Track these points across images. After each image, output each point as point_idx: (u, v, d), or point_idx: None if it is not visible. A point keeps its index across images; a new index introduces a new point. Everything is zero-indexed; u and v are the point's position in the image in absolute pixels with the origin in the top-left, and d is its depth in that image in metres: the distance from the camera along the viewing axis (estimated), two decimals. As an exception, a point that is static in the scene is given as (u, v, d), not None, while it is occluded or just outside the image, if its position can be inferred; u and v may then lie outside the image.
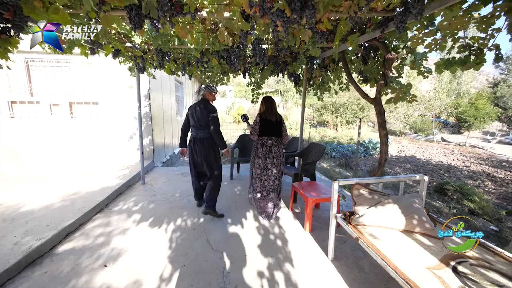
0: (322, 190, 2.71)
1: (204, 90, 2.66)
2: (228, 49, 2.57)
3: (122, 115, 4.88)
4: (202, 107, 2.61)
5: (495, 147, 11.61)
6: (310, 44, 2.31)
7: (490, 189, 5.17)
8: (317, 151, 3.54)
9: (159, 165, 5.35)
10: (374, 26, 1.99)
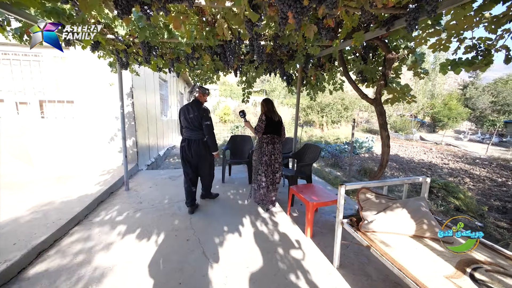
0: (322, 194, 2.62)
1: (198, 91, 2.72)
2: (223, 45, 2.39)
3: (101, 114, 4.49)
4: (195, 109, 2.68)
5: (467, 145, 12.46)
6: (311, 41, 2.20)
7: (470, 185, 5.46)
8: (312, 152, 3.46)
9: (144, 169, 5.00)
10: (378, 24, 1.93)
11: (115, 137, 4.61)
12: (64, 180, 3.70)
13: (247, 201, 3.28)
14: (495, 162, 8.10)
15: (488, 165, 7.63)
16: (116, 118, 4.55)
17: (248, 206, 3.16)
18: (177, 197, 3.37)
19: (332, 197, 2.56)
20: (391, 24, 1.81)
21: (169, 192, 3.56)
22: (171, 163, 6.93)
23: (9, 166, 4.13)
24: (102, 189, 3.33)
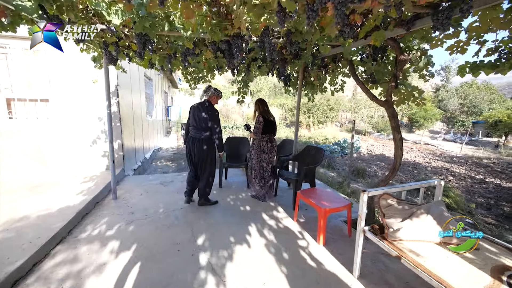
0: (331, 198, 2.53)
1: (213, 92, 2.84)
2: (229, 40, 2.20)
3: (82, 115, 4.04)
4: (206, 110, 2.77)
5: (442, 144, 13.32)
6: (325, 39, 2.08)
7: (454, 183, 5.75)
8: (315, 154, 3.37)
9: (131, 174, 4.61)
10: (395, 24, 1.86)
11: (98, 140, 4.18)
12: (39, 190, 3.25)
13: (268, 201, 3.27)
14: (470, 160, 8.69)
15: (465, 163, 8.15)
16: (99, 119, 4.13)
17: (251, 212, 2.99)
18: (173, 206, 3.09)
19: (343, 201, 2.47)
20: (412, 24, 1.75)
21: (162, 200, 3.27)
22: (158, 167, 6.52)
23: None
24: (86, 199, 2.96)
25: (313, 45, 2.45)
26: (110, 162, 3.16)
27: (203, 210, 2.99)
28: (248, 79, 4.31)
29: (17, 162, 3.77)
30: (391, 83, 2.31)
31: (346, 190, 3.97)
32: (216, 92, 2.86)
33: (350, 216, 2.45)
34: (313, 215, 2.96)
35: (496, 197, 4.81)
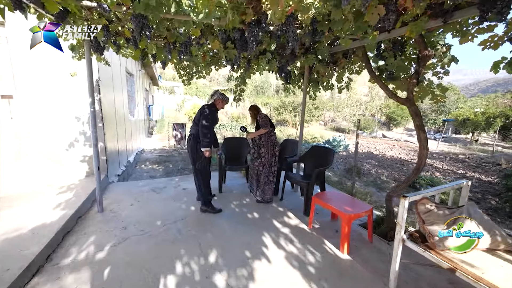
0: (351, 203, 2.38)
1: (219, 96, 2.82)
2: (245, 28, 1.92)
3: (55, 114, 3.48)
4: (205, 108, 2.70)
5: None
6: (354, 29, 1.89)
7: (441, 179, 6.01)
8: (323, 155, 3.21)
9: (115, 180, 4.10)
10: (430, 15, 1.72)
11: (76, 143, 3.63)
12: (4, 205, 2.69)
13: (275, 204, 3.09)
14: (447, 156, 9.26)
15: (444, 159, 8.65)
16: (77, 119, 3.59)
17: (260, 220, 2.74)
18: (172, 216, 2.74)
19: (364, 206, 2.33)
20: (450, 15, 1.62)
21: (158, 210, 2.89)
22: (144, 170, 5.98)
23: None
24: (66, 213, 2.50)
25: (331, 38, 2.26)
26: (95, 169, 2.70)
27: (207, 220, 2.68)
28: (247, 75, 4.05)
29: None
30: (413, 79, 2.20)
31: (350, 191, 3.88)
32: (222, 96, 2.83)
33: (372, 221, 2.31)
34: (325, 219, 2.80)
35: (482, 191, 5.07)
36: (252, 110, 3.26)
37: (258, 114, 3.16)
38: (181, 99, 27.00)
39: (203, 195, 2.84)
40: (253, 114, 3.25)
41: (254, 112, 3.23)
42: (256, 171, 3.17)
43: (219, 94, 2.83)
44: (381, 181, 5.42)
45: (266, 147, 3.10)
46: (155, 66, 11.95)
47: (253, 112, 3.24)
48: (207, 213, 2.83)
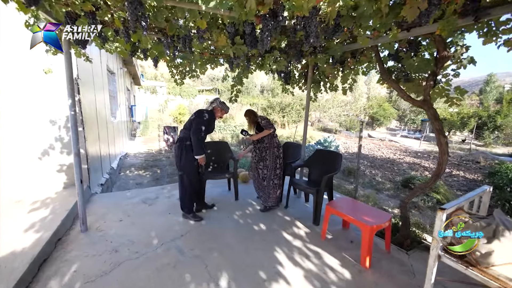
0: (368, 211, 2.24)
1: (218, 105, 2.65)
2: (258, 21, 1.70)
3: (25, 117, 3.00)
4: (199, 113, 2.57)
5: (401, 140, 14.74)
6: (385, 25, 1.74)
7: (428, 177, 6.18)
8: (330, 159, 3.07)
9: (98, 191, 3.66)
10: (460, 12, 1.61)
11: (51, 151, 3.17)
12: (-41, 229, 2.21)
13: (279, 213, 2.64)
14: (431, 154, 9.67)
15: (429, 158, 9.02)
16: (52, 123, 3.13)
17: (268, 232, 2.52)
18: (170, 232, 2.43)
19: (383, 215, 2.19)
20: (485, 13, 1.52)
21: (152, 226, 2.56)
22: (130, 177, 5.50)
23: None
24: (42, 237, 2.10)
25: (347, 36, 2.10)
26: (77, 182, 2.32)
27: (211, 235, 2.41)
28: (244, 74, 3.81)
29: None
30: (429, 81, 2.10)
31: (353, 195, 3.79)
32: (222, 105, 2.69)
33: (390, 230, 2.18)
34: (336, 228, 2.65)
35: (470, 189, 5.26)
36: (249, 115, 3.06)
37: (258, 117, 3.00)
38: (164, 99, 25.95)
39: (183, 203, 2.68)
40: (251, 119, 3.04)
41: (252, 117, 3.04)
42: (260, 175, 2.97)
43: (218, 103, 2.65)
44: (376, 182, 5.44)
45: (270, 149, 2.97)
46: (137, 64, 11.26)
47: (251, 117, 3.04)
48: (210, 227, 2.56)
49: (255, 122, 3.02)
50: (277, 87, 21.23)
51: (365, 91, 23.58)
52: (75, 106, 2.24)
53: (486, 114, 13.16)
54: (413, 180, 4.96)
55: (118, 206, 3.06)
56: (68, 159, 3.27)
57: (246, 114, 3.10)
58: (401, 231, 2.39)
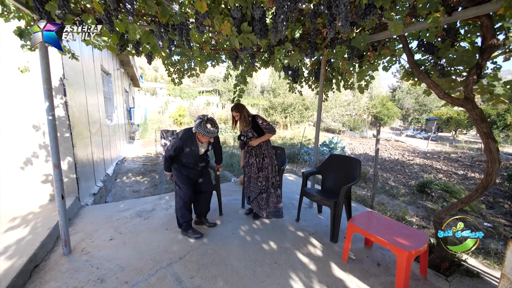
0: (402, 230, 1.89)
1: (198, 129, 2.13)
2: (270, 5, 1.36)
3: (3, 123, 2.67)
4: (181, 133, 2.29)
5: (407, 140, 14.36)
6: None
7: (446, 181, 5.82)
8: (346, 167, 2.73)
9: (89, 202, 3.33)
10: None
11: (35, 159, 2.84)
12: None
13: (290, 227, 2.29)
14: (440, 155, 9.30)
15: (439, 158, 8.65)
16: (36, 128, 2.80)
17: (280, 252, 2.18)
18: (166, 254, 2.10)
19: (420, 235, 1.85)
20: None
21: (147, 245, 2.23)
22: (126, 184, 5.17)
23: None
24: (15, 264, 1.77)
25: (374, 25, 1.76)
26: (57, 198, 1.99)
27: (214, 257, 2.07)
28: (248, 72, 3.49)
29: None
30: (472, 75, 1.76)
31: (369, 204, 3.45)
32: (201, 130, 2.12)
33: (427, 253, 1.84)
34: (357, 246, 2.30)
35: (490, 194, 4.91)
36: (241, 109, 2.56)
37: (255, 117, 2.60)
38: (164, 101, 25.70)
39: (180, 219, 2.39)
40: (243, 116, 2.56)
41: (245, 112, 2.56)
42: (259, 188, 2.67)
43: (198, 126, 2.11)
44: (389, 187, 5.09)
45: (268, 156, 2.69)
46: (135, 65, 10.96)
47: (243, 113, 2.56)
48: (213, 247, 2.23)
49: (249, 121, 2.58)
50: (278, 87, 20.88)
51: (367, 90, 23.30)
52: (53, 110, 1.92)
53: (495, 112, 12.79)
54: (430, 184, 4.60)
55: (109, 220, 2.72)
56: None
57: (236, 109, 2.55)
58: (436, 252, 2.05)
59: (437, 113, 19.09)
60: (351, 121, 16.81)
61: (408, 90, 24.27)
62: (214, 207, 2.94)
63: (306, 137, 11.72)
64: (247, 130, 2.64)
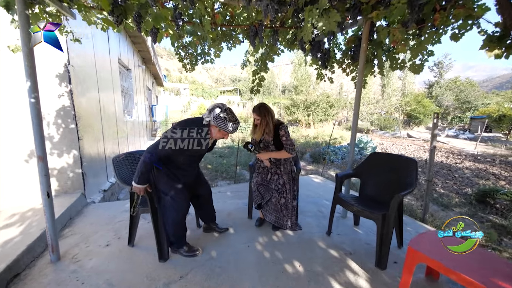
0: (498, 268, 1.25)
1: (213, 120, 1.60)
2: None
3: (4, 114, 2.51)
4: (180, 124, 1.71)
5: (449, 141, 12.70)
6: None
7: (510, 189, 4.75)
8: (394, 168, 2.11)
9: (97, 200, 3.10)
10: None
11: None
12: None
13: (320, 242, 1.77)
14: (495, 158, 7.90)
15: (493, 162, 7.33)
16: (39, 118, 2.61)
17: (306, 276, 1.66)
18: (165, 271, 1.70)
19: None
20: None
21: (145, 256, 1.86)
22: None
23: None
24: (-12, 274, 1.49)
25: None
26: (43, 196, 1.70)
27: (223, 278, 1.62)
28: (269, 57, 3.00)
29: None
30: None
31: (422, 217, 2.74)
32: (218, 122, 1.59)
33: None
34: (415, 276, 1.68)
35: None
36: (266, 114, 1.99)
37: (280, 126, 2.04)
38: (187, 100, 26.39)
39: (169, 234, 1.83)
40: (266, 122, 1.99)
41: (268, 117, 1.99)
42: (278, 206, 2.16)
43: (218, 118, 1.58)
44: (438, 194, 4.24)
45: (287, 174, 2.15)
46: (157, 63, 11.09)
47: (266, 118, 1.99)
48: (222, 264, 1.78)
49: (272, 129, 2.02)
50: (301, 84, 20.03)
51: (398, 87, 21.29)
52: (36, 92, 1.62)
53: None
54: (494, 193, 3.68)
55: (111, 222, 2.42)
56: (59, 162, 2.74)
57: (258, 111, 2.00)
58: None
59: (484, 111, 16.77)
60: (381, 120, 15.39)
61: (448, 86, 21.73)
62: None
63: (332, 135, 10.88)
64: (268, 141, 2.07)
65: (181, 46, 2.76)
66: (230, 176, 5.33)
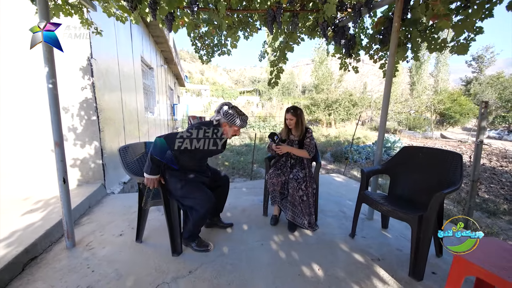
0: None
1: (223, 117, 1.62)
2: None
3: (34, 105, 2.65)
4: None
5: (490, 142, 11.36)
6: None
7: None
8: (432, 164, 1.82)
9: (117, 191, 3.17)
10: None
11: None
12: None
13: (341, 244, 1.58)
14: (551, 162, 6.84)
15: (549, 167, 6.34)
16: (64, 110, 2.71)
17: (327, 282, 1.46)
18: (174, 265, 1.62)
19: None
20: None
21: (155, 248, 1.80)
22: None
23: None
24: (7, 256, 1.52)
25: None
26: (59, 182, 1.72)
27: (234, 278, 1.49)
28: (288, 46, 2.83)
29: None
30: None
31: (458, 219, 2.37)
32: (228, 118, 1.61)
33: None
34: None
35: None
36: (301, 116, 2.17)
37: (308, 129, 2.21)
38: (207, 101, 27.06)
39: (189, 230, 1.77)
40: (298, 122, 2.14)
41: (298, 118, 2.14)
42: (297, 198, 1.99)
43: (227, 114, 1.61)
44: (481, 199, 3.72)
45: (308, 168, 2.18)
46: (179, 63, 11.43)
47: (299, 120, 2.15)
48: (233, 262, 1.65)
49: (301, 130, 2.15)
50: (321, 83, 19.38)
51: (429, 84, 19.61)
52: (54, 77, 1.63)
53: None
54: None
55: (127, 212, 2.43)
56: (82, 152, 2.84)
57: (294, 112, 2.13)
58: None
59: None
60: (410, 119, 14.24)
61: (489, 82, 19.50)
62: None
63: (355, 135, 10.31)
64: (293, 140, 2.19)
65: (197, 37, 2.71)
66: (247, 173, 5.23)
